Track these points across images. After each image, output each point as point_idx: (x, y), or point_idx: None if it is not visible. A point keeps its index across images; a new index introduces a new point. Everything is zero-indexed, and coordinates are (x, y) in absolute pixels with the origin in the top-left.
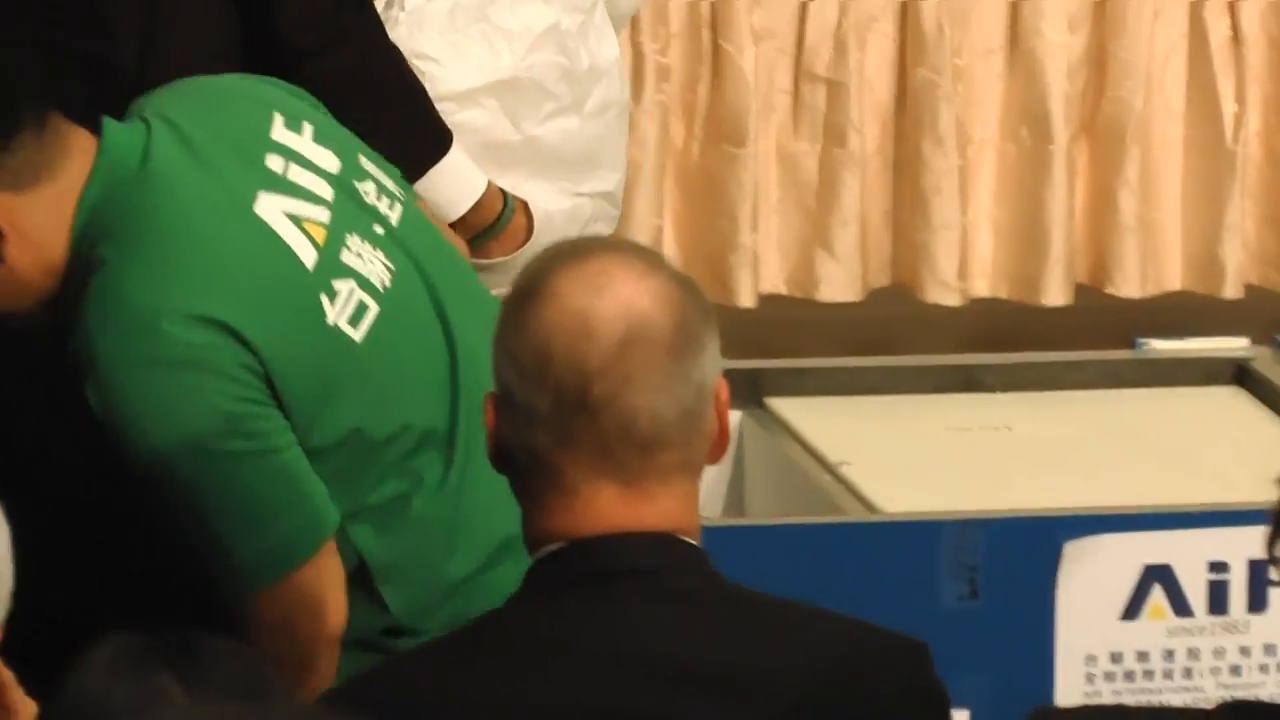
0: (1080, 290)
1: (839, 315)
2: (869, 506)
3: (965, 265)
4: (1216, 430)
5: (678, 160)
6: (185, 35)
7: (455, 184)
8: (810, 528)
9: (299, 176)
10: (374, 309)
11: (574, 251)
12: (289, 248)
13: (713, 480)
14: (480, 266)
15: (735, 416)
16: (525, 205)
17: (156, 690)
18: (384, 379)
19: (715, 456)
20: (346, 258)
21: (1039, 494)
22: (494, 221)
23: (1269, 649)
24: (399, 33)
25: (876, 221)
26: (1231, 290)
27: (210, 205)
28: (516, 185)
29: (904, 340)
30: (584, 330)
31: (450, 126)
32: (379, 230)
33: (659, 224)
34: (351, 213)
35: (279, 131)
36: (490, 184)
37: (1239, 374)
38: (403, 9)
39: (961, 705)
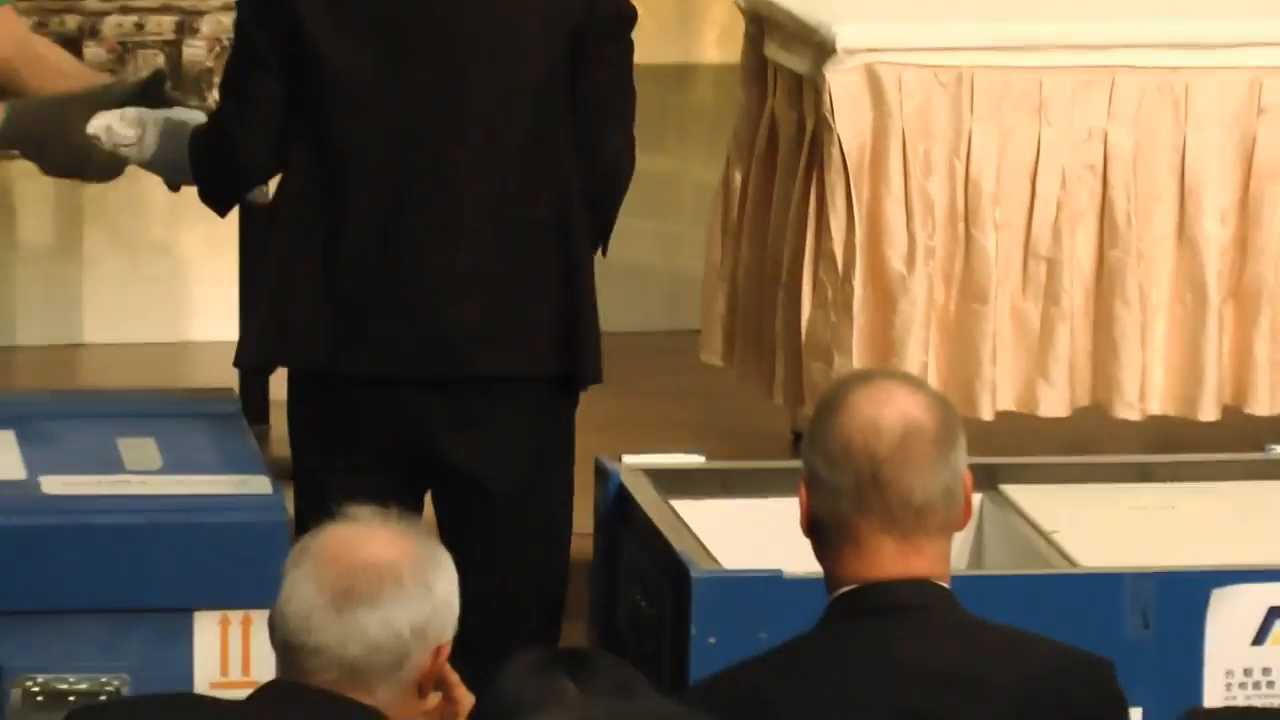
0: (1226, 410)
1: (1053, 425)
2: (1072, 562)
3: (1144, 391)
4: None
5: (940, 315)
6: None
7: None
8: (1029, 577)
9: None
10: None
11: (863, 378)
12: None
13: (960, 543)
14: None
15: (977, 497)
16: None
17: (558, 690)
18: None
19: (962, 524)
20: None
21: (1195, 555)
22: None
23: None
24: None
25: (1081, 359)
26: None
27: None
28: None
29: (1099, 443)
30: (875, 429)
31: None
32: None
33: (925, 360)
34: None
35: None
36: None
37: None
38: None
39: (1136, 705)
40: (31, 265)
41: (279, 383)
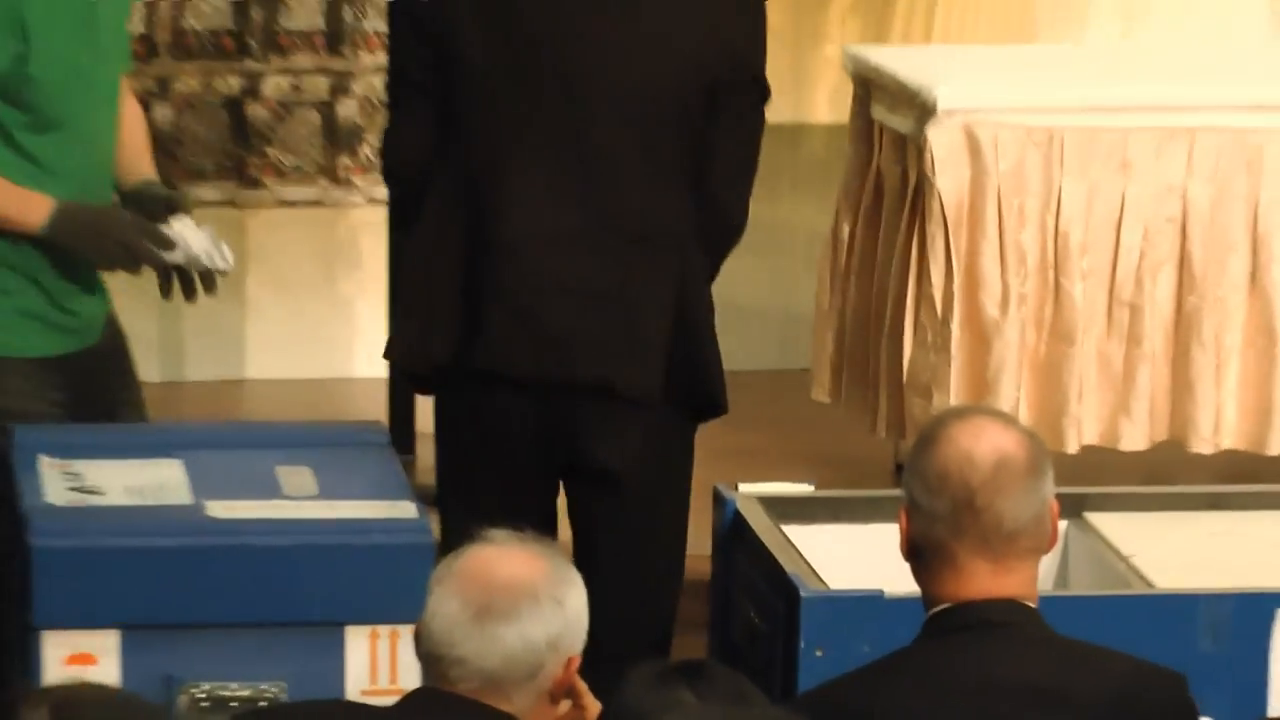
0: None
1: (1132, 458)
2: (1149, 584)
3: (1218, 427)
4: None
5: (1031, 356)
6: None
7: None
8: (1110, 598)
9: None
10: None
11: (960, 414)
12: None
13: (1046, 566)
14: None
15: (1062, 523)
16: None
17: (677, 699)
18: None
19: (1049, 548)
20: None
21: (1263, 577)
22: None
23: None
24: None
25: (1160, 397)
26: None
27: None
28: None
29: (1175, 474)
30: (970, 460)
31: None
32: None
33: (1017, 397)
34: None
35: None
36: None
37: None
38: None
39: (1206, 716)
40: (198, 306)
41: (425, 416)
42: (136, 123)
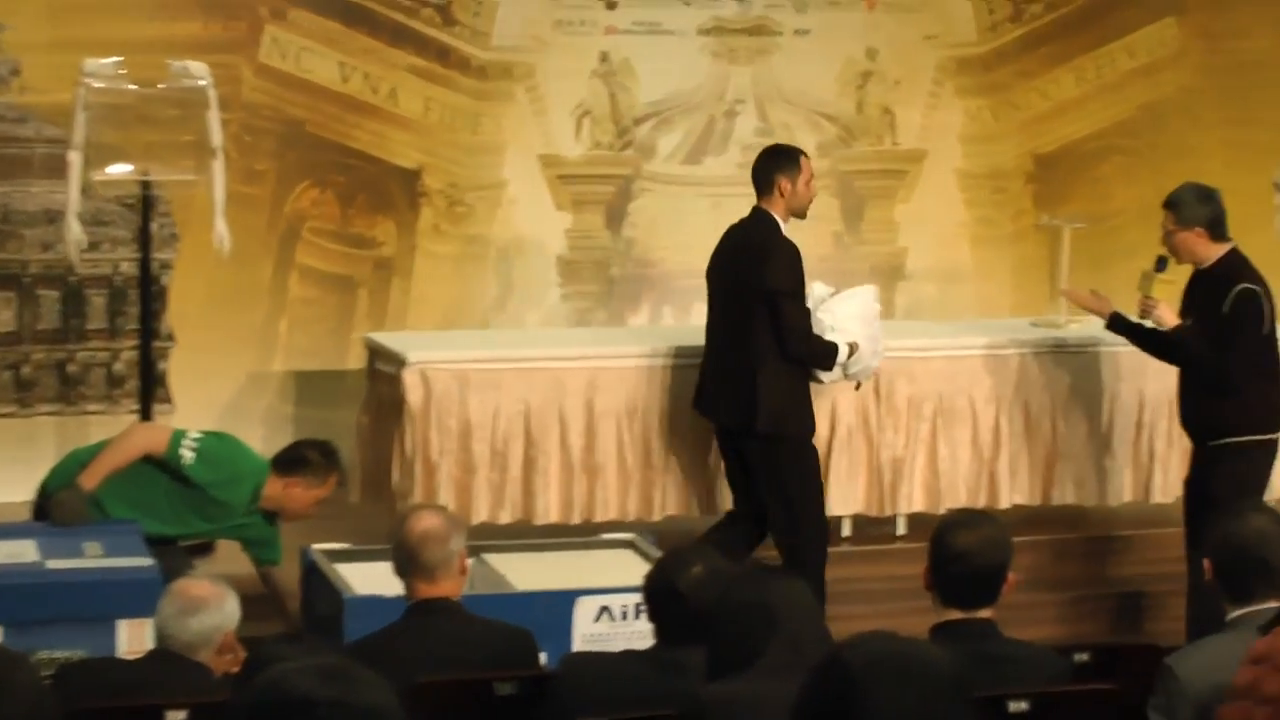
0: None
1: None
2: (514, 587)
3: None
4: None
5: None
6: None
7: None
8: (493, 596)
9: None
10: None
11: (414, 508)
12: None
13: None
14: None
15: (471, 560)
16: None
17: (281, 653)
18: None
19: (464, 572)
20: None
21: (567, 583)
22: None
23: None
24: None
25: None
26: None
27: None
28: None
29: None
30: (411, 530)
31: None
32: None
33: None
34: None
35: None
36: None
37: None
38: None
39: (544, 653)
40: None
41: None
42: (287, 583)
